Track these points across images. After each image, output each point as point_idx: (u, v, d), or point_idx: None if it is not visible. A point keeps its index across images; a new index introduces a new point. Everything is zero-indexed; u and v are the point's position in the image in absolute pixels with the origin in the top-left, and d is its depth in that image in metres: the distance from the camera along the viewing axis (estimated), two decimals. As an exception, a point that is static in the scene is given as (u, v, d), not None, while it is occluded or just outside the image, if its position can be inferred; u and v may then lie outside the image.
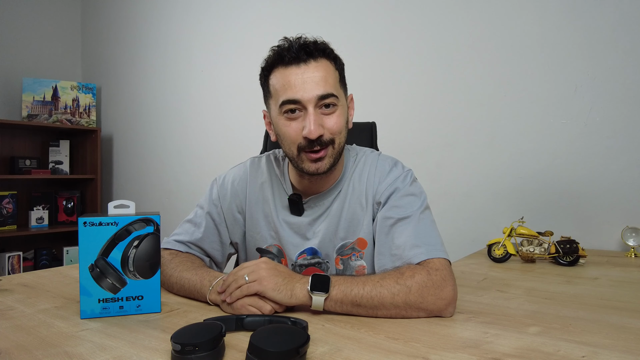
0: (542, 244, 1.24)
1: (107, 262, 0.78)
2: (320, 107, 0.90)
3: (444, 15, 1.80)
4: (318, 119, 0.89)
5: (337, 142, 0.92)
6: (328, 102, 0.89)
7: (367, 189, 0.99)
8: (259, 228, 1.05)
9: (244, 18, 2.48)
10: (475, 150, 1.73)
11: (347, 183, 1.00)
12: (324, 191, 1.00)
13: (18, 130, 3.09)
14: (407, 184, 0.96)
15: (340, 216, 0.99)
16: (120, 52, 3.20)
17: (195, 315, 0.80)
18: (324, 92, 0.88)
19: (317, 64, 0.90)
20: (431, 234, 0.89)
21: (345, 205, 0.99)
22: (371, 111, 2.01)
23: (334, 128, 0.91)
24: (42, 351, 0.63)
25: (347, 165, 1.02)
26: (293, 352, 0.55)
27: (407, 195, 0.94)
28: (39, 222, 3.01)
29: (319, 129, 0.88)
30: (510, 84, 1.66)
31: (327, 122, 0.90)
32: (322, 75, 0.89)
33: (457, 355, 0.60)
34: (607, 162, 1.49)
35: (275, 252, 1.04)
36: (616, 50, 1.47)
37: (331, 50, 0.94)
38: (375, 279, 0.79)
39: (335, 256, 1.00)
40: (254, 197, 1.06)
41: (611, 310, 0.80)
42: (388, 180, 0.97)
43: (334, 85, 0.91)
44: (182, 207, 2.78)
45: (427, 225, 0.90)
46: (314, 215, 1.01)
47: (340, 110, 0.92)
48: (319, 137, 0.89)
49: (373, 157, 1.02)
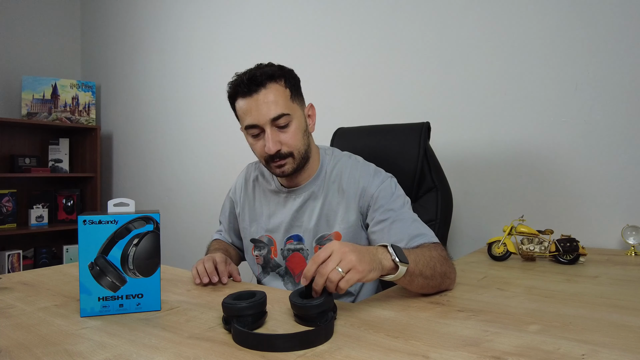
0: (542, 243, 1.24)
1: (107, 260, 0.78)
2: (276, 126, 1.04)
3: (443, 14, 1.80)
4: (275, 137, 1.04)
5: (296, 151, 1.06)
6: (281, 121, 1.03)
7: (347, 187, 1.11)
8: (251, 221, 1.22)
9: (243, 16, 2.48)
10: (475, 149, 1.73)
11: (325, 179, 1.14)
12: (303, 185, 1.15)
13: (17, 129, 3.09)
14: (392, 186, 1.09)
15: (319, 208, 1.12)
16: (119, 50, 3.20)
17: (195, 313, 0.80)
18: (275, 114, 1.02)
19: (267, 90, 1.03)
20: (423, 225, 1.03)
21: (324, 199, 1.12)
22: (368, 112, 2.01)
23: (290, 142, 1.05)
24: (42, 349, 0.63)
25: (323, 163, 1.15)
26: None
27: (396, 197, 1.07)
28: (38, 220, 3.01)
29: (275, 146, 1.03)
30: (510, 82, 1.66)
31: (284, 138, 1.05)
32: (273, 99, 1.03)
33: (457, 354, 0.60)
34: (607, 161, 1.49)
35: (266, 242, 1.19)
36: (617, 49, 1.47)
37: (280, 73, 1.06)
38: (425, 251, 0.90)
39: (315, 245, 1.13)
40: (249, 194, 1.25)
41: (611, 308, 0.80)
42: (376, 183, 1.09)
43: (284, 104, 1.04)
44: (181, 205, 2.78)
45: (417, 219, 1.05)
46: (295, 206, 1.14)
47: (295, 123, 1.06)
48: (278, 151, 1.04)
49: (352, 159, 1.16)
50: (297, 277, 1.18)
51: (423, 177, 1.42)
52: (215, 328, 0.72)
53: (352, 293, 1.17)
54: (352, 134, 1.61)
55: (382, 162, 1.48)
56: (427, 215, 1.40)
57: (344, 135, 1.62)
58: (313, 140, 1.16)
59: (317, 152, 1.16)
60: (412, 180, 1.42)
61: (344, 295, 1.16)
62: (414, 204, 1.44)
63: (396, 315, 0.77)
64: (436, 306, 0.82)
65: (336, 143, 1.62)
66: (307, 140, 1.09)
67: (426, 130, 1.45)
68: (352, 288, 1.17)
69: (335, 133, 1.65)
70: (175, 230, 2.79)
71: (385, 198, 1.06)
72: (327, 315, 0.70)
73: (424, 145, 1.42)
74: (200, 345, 0.65)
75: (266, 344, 0.62)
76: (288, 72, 1.08)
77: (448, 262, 0.92)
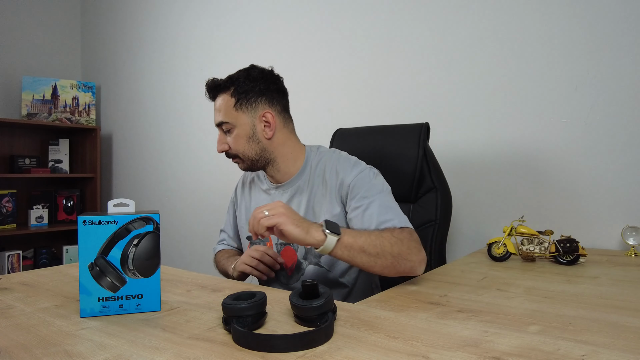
0: (542, 243, 1.24)
1: (107, 260, 0.78)
2: (222, 130, 1.19)
3: (442, 14, 1.80)
4: (221, 139, 1.20)
5: (241, 154, 1.18)
6: (224, 127, 1.18)
7: (330, 180, 1.16)
8: (247, 220, 1.29)
9: (243, 16, 2.48)
10: (475, 149, 1.73)
11: (310, 174, 1.20)
12: (288, 180, 1.22)
13: (17, 129, 3.09)
14: (371, 176, 1.14)
15: (306, 201, 1.18)
16: (119, 50, 3.20)
17: (195, 314, 0.80)
18: (217, 122, 1.19)
19: (218, 99, 1.19)
20: (397, 209, 1.08)
21: (310, 192, 1.19)
22: (367, 113, 2.01)
23: (233, 145, 1.18)
24: (42, 350, 0.63)
25: (308, 159, 1.22)
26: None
27: (372, 185, 1.12)
28: (38, 220, 3.01)
29: (220, 147, 1.19)
30: (511, 83, 1.66)
31: (229, 141, 1.18)
32: (218, 107, 1.18)
33: (457, 354, 0.60)
34: (607, 161, 1.49)
35: (261, 238, 1.23)
36: (617, 49, 1.47)
37: (227, 84, 1.17)
38: (375, 232, 0.96)
39: None
40: (246, 195, 1.34)
41: (611, 309, 0.80)
42: (353, 174, 1.14)
43: (225, 113, 1.16)
44: (181, 205, 2.78)
45: (392, 202, 1.10)
46: (283, 200, 1.21)
47: (237, 130, 1.17)
48: (226, 151, 1.20)
49: (334, 154, 1.21)
50: (289, 269, 1.22)
51: (422, 177, 1.42)
52: (215, 328, 0.72)
53: (346, 285, 1.21)
54: (351, 134, 1.61)
55: (382, 163, 1.48)
56: (426, 215, 1.40)
57: (344, 136, 1.62)
58: (285, 142, 1.21)
59: (301, 150, 1.24)
60: (411, 181, 1.42)
61: (339, 286, 1.20)
62: (413, 204, 1.44)
63: (396, 316, 0.77)
64: (436, 306, 0.82)
65: (336, 144, 1.62)
66: (255, 145, 1.18)
67: (425, 131, 1.45)
68: (347, 279, 1.20)
69: (335, 134, 1.65)
70: (175, 231, 2.78)
71: (361, 187, 1.11)
72: (327, 315, 0.70)
73: (423, 145, 1.43)
74: (200, 345, 0.65)
75: (266, 345, 0.62)
76: (241, 82, 1.16)
77: (407, 244, 0.96)
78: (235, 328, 0.65)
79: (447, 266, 1.23)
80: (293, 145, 1.23)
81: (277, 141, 1.20)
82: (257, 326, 0.70)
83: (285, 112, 1.24)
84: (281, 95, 1.22)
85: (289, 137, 1.22)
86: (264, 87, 1.18)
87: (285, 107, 1.24)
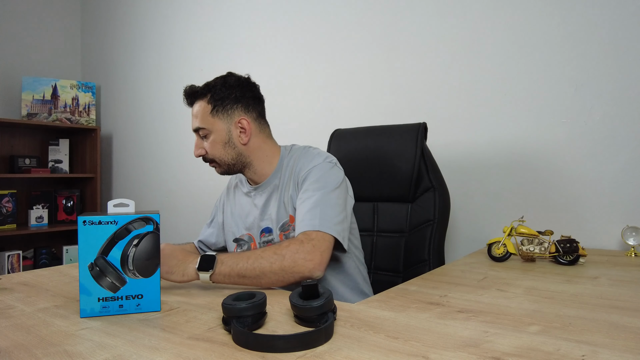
0: (542, 243, 1.24)
1: (107, 261, 0.78)
2: (199, 136, 1.22)
3: (441, 14, 1.80)
4: (198, 144, 1.23)
5: (218, 159, 1.22)
6: (201, 133, 1.21)
7: (294, 173, 1.20)
8: (235, 223, 1.33)
9: (243, 17, 2.48)
10: (475, 149, 1.73)
11: (282, 173, 1.24)
12: (263, 182, 1.26)
13: (17, 129, 3.09)
14: (323, 169, 1.16)
15: (278, 199, 1.22)
16: (120, 50, 3.20)
17: (196, 314, 0.80)
18: (194, 127, 1.22)
19: (195, 105, 1.23)
20: (327, 211, 1.08)
21: (282, 190, 1.22)
22: (365, 114, 2.01)
23: (209, 150, 1.21)
24: (42, 350, 0.63)
25: (282, 158, 1.26)
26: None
27: (319, 178, 1.14)
28: (38, 221, 3.01)
29: (198, 151, 1.23)
30: (510, 82, 1.66)
31: (205, 146, 1.22)
32: (195, 113, 1.22)
33: (457, 354, 0.60)
34: (607, 161, 1.49)
35: (246, 239, 1.31)
36: (617, 50, 1.47)
37: (204, 91, 1.21)
38: (258, 252, 0.99)
39: (279, 233, 1.22)
40: (231, 199, 1.37)
41: (611, 309, 0.80)
42: (309, 166, 1.17)
43: (202, 119, 1.20)
44: (181, 205, 2.78)
45: (327, 203, 1.09)
46: (262, 201, 1.25)
47: (213, 136, 1.20)
48: (202, 155, 1.23)
49: (303, 150, 1.25)
50: None
51: (420, 177, 1.43)
52: (215, 329, 0.72)
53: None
54: (349, 135, 1.61)
55: (380, 163, 1.48)
56: (424, 215, 1.40)
57: (342, 137, 1.62)
58: (261, 146, 1.24)
59: (277, 151, 1.27)
60: (409, 181, 1.43)
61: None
62: (411, 204, 1.44)
63: (396, 316, 0.77)
64: (436, 307, 0.82)
65: (334, 144, 1.62)
66: (230, 150, 1.21)
67: (423, 131, 1.45)
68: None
69: (333, 134, 1.65)
70: (175, 231, 2.78)
71: (310, 180, 1.15)
72: (327, 315, 0.70)
73: (420, 145, 1.43)
74: (200, 345, 0.65)
75: (266, 345, 0.62)
76: (217, 90, 1.20)
77: (290, 258, 0.97)
78: (235, 328, 0.65)
79: (447, 266, 1.23)
80: (269, 148, 1.26)
81: (253, 146, 1.23)
82: (257, 326, 0.70)
83: (261, 118, 1.27)
84: (257, 102, 1.26)
85: (264, 141, 1.26)
86: (240, 94, 1.21)
87: (261, 113, 1.27)
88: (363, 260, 1.33)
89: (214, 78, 1.24)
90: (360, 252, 1.32)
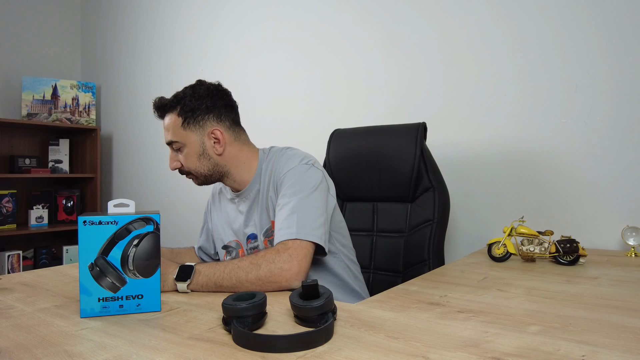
0: (542, 243, 1.24)
1: (107, 261, 0.78)
2: (172, 149, 1.20)
3: (441, 14, 1.80)
4: (173, 157, 1.21)
5: (194, 171, 1.20)
6: (174, 146, 1.19)
7: (274, 176, 1.19)
8: (222, 230, 1.32)
9: (243, 17, 2.48)
10: (475, 150, 1.73)
11: (262, 178, 1.22)
12: (245, 188, 1.24)
13: (17, 129, 3.09)
14: (299, 172, 1.13)
15: (260, 205, 1.21)
16: (120, 51, 3.20)
17: (196, 314, 0.80)
18: (167, 141, 1.20)
19: (166, 118, 1.20)
20: (304, 216, 1.05)
21: (263, 196, 1.21)
22: (364, 114, 2.01)
23: (184, 163, 1.19)
24: (42, 350, 0.63)
25: (261, 162, 1.23)
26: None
27: (296, 183, 1.11)
28: (38, 221, 3.01)
29: (173, 164, 1.20)
30: (510, 83, 1.66)
31: (180, 159, 1.19)
32: (167, 127, 1.19)
33: (457, 354, 0.60)
34: (607, 162, 1.49)
35: (234, 246, 1.30)
36: (617, 50, 1.47)
37: (173, 104, 1.18)
38: (235, 262, 0.98)
39: (263, 239, 1.22)
40: (217, 205, 1.37)
41: (611, 309, 0.80)
42: (285, 169, 1.15)
43: (174, 132, 1.17)
44: (181, 206, 2.78)
45: (303, 207, 1.07)
46: (246, 207, 1.24)
47: (187, 149, 1.17)
48: (179, 168, 1.20)
49: (280, 152, 1.23)
50: None
51: (420, 177, 1.43)
52: (215, 329, 0.72)
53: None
54: (348, 135, 1.61)
55: (379, 163, 1.48)
56: (424, 215, 1.40)
57: (341, 137, 1.62)
58: (237, 154, 1.22)
59: (255, 156, 1.25)
60: (409, 181, 1.43)
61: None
62: (411, 204, 1.44)
63: (396, 316, 0.77)
64: (436, 307, 0.82)
65: (333, 144, 1.62)
66: (206, 162, 1.19)
67: (422, 131, 1.45)
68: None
69: (332, 134, 1.65)
70: (175, 231, 2.78)
71: (286, 183, 1.13)
72: (327, 316, 0.70)
73: (420, 145, 1.43)
74: (200, 346, 0.65)
75: (266, 345, 0.62)
76: (187, 101, 1.17)
77: (266, 268, 0.95)
78: (236, 328, 0.65)
79: (447, 266, 1.23)
80: (245, 155, 1.23)
81: (229, 155, 1.21)
82: (257, 326, 0.70)
83: (236, 126, 1.24)
84: (229, 109, 1.22)
85: (240, 149, 1.23)
86: (210, 104, 1.18)
87: (234, 120, 1.24)
88: (354, 258, 1.31)
89: (183, 88, 1.21)
90: (350, 250, 1.30)
